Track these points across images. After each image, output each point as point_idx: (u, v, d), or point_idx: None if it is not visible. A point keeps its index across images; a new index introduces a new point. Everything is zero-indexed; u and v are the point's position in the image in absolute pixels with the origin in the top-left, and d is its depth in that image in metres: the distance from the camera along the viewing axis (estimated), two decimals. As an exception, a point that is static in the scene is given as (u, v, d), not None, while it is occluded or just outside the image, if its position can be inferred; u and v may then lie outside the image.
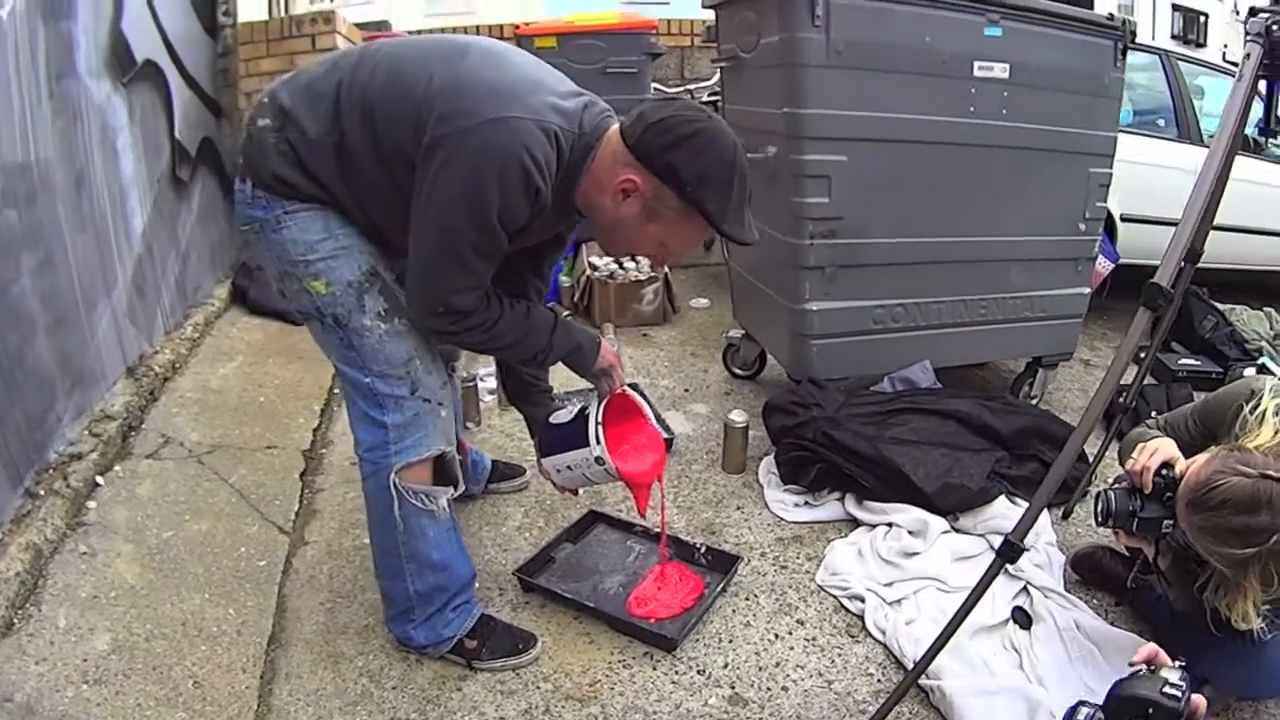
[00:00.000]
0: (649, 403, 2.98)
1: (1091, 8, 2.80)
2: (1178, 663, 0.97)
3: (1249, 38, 1.56)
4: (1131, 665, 0.99)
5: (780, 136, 2.43)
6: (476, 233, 1.42)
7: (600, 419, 1.74)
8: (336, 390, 3.10)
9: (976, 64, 2.48)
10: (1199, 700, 0.95)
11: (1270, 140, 1.91)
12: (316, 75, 1.51)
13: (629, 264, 3.95)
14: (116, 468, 2.25)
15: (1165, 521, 1.59)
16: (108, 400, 2.39)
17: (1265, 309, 3.67)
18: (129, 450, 2.34)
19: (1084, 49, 2.67)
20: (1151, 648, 1.01)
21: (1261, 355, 3.28)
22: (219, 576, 2.02)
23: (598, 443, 1.72)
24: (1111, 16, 2.72)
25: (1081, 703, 0.98)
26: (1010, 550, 1.47)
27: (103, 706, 1.58)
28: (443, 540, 1.74)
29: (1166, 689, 0.93)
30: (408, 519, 1.68)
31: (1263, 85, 1.63)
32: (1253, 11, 1.57)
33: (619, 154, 1.46)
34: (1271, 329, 3.49)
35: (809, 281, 2.53)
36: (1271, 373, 3.02)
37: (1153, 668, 0.96)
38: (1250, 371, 3.00)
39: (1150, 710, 0.92)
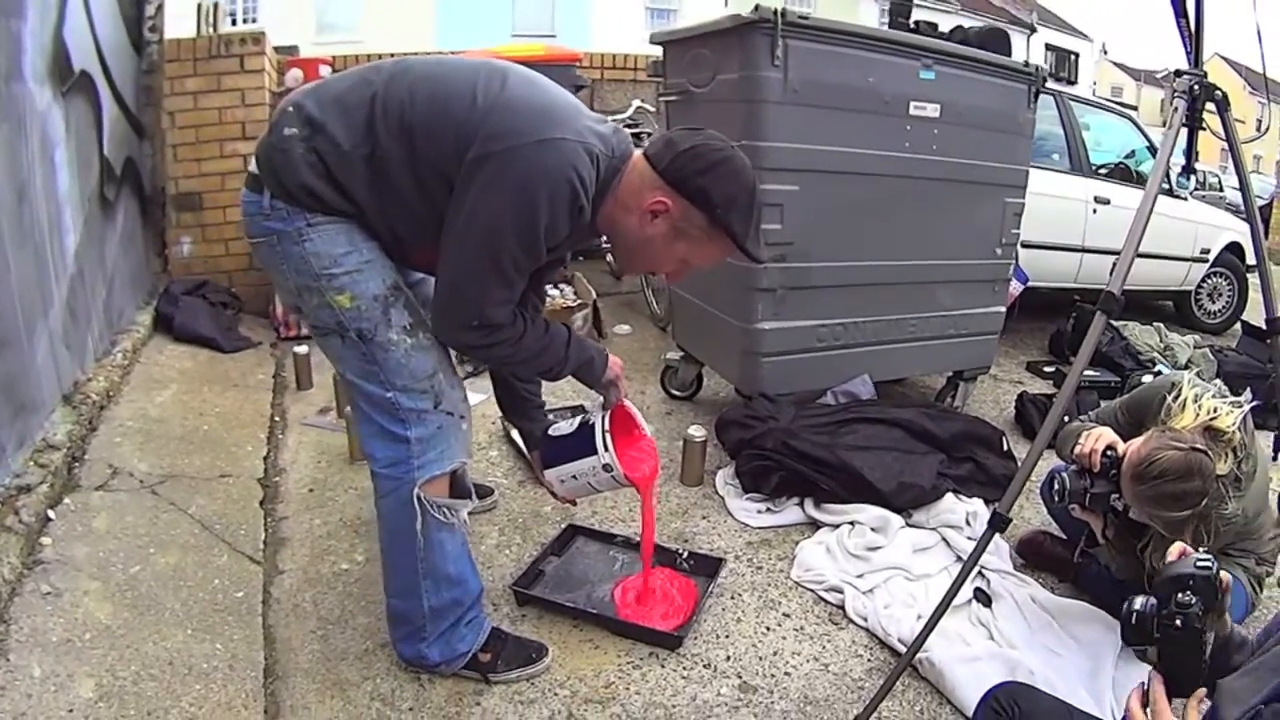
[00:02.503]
0: None
1: (1010, 55, 3.09)
2: (1202, 548, 1.17)
3: (1176, 94, 1.83)
4: (1168, 560, 1.17)
5: None
6: (521, 248, 1.45)
7: (607, 428, 1.78)
8: (278, 418, 2.98)
9: (912, 104, 2.73)
10: (1225, 574, 1.14)
11: (1186, 180, 2.20)
12: (345, 88, 1.50)
13: (554, 291, 3.95)
14: (67, 500, 2.07)
15: (1112, 495, 1.85)
16: (48, 429, 2.21)
17: (1154, 324, 4.10)
18: (76, 482, 2.17)
19: (1002, 91, 2.97)
20: (1180, 545, 1.19)
21: (1155, 365, 3.65)
22: (198, 610, 1.90)
23: (607, 450, 1.76)
24: (1027, 63, 3.02)
25: (1137, 595, 1.13)
26: (1000, 521, 1.69)
27: None
28: (458, 554, 1.73)
29: (1199, 563, 1.11)
30: (429, 533, 1.65)
31: (1183, 135, 1.89)
32: (1177, 73, 1.85)
33: (647, 177, 1.52)
34: (1161, 341, 3.90)
35: (761, 303, 2.68)
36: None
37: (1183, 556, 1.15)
38: (1148, 379, 3.34)
39: (1191, 582, 1.09)
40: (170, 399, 2.83)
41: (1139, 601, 1.11)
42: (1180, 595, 1.08)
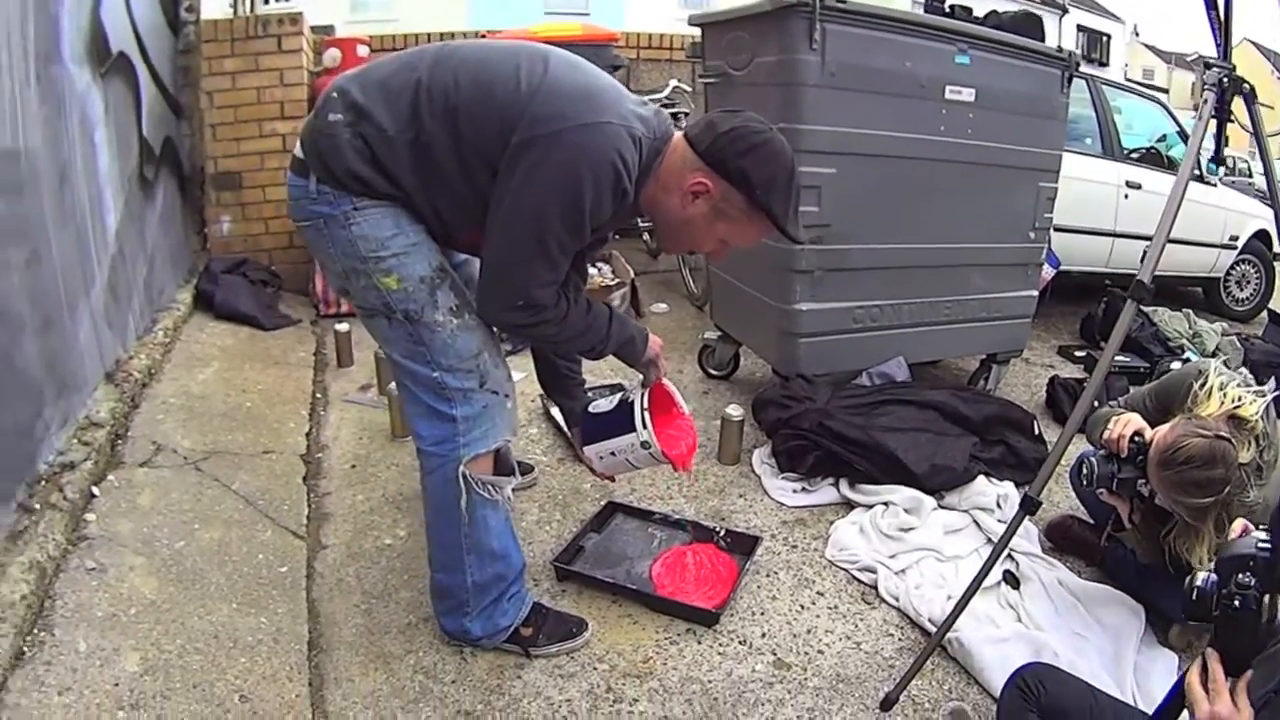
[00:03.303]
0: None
1: (1043, 40, 3.07)
2: (1261, 527, 1.17)
3: (1206, 86, 1.82)
4: (1231, 538, 1.18)
5: None
6: (566, 229, 1.47)
7: (646, 405, 1.80)
8: (319, 395, 3.01)
9: (948, 88, 2.73)
10: None
11: (1216, 167, 2.21)
12: (388, 73, 1.52)
13: (592, 270, 3.96)
14: (110, 477, 2.11)
15: (1139, 480, 1.88)
16: (91, 407, 2.24)
17: (1183, 310, 4.07)
18: (120, 459, 2.20)
19: (1037, 76, 2.96)
20: (1241, 522, 1.22)
21: (1184, 351, 3.63)
22: (242, 585, 1.94)
23: (645, 427, 1.78)
24: (1060, 48, 3.02)
25: (1203, 573, 1.14)
26: (1030, 504, 1.71)
27: None
28: (502, 530, 1.75)
29: (1260, 544, 1.11)
30: (474, 510, 1.68)
31: (1214, 124, 1.89)
32: (1206, 65, 1.84)
33: (688, 159, 1.53)
34: (1190, 328, 3.87)
35: (799, 284, 2.70)
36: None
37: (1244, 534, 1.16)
38: (1176, 365, 3.32)
39: (1251, 563, 1.10)
40: (212, 376, 2.87)
41: (1200, 578, 1.12)
42: (1240, 575, 1.09)
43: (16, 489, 1.82)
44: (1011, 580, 2.14)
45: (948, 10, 2.96)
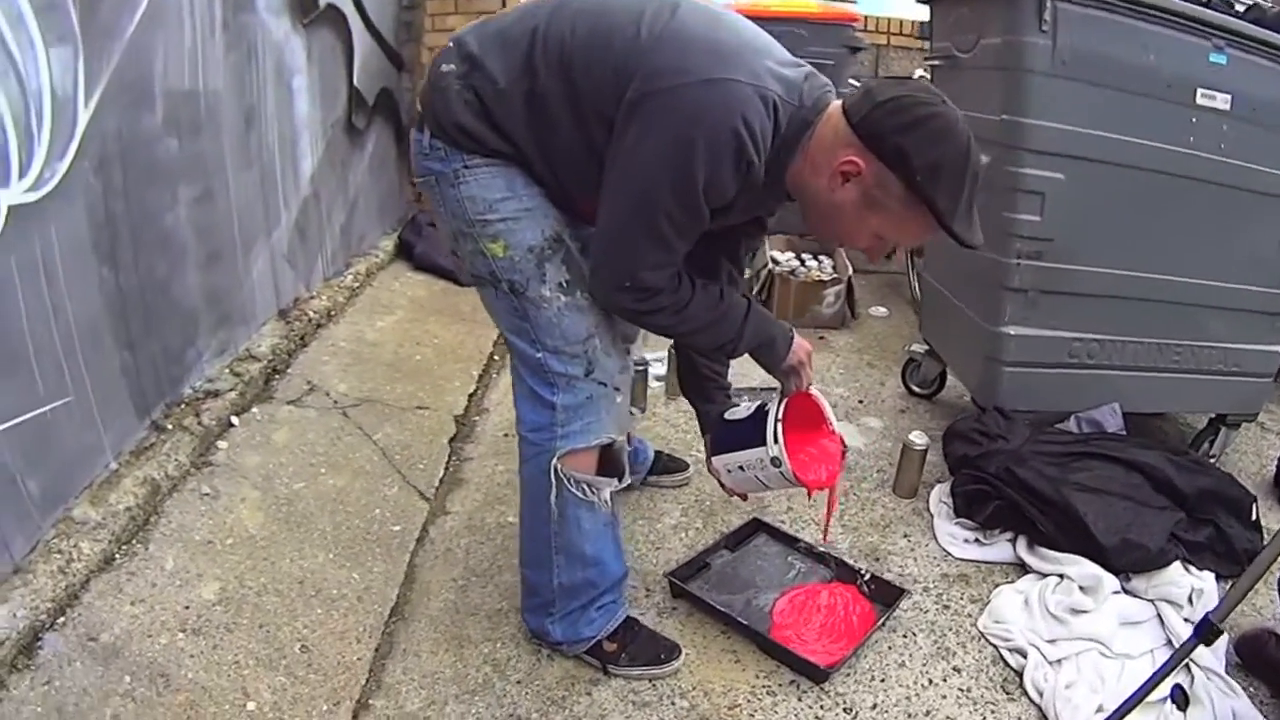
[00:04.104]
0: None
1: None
2: None
3: None
4: None
5: (996, 145, 2.20)
6: (677, 204, 1.27)
7: (780, 417, 1.53)
8: (498, 356, 2.95)
9: (1199, 91, 2.18)
10: None
11: None
12: (508, 22, 1.37)
13: (811, 262, 3.68)
14: (254, 410, 2.16)
15: None
16: (255, 341, 2.33)
17: None
18: (270, 394, 2.26)
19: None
20: None
21: None
22: (348, 537, 1.89)
23: (775, 442, 1.52)
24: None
25: None
26: (1209, 633, 1.33)
27: (196, 659, 1.46)
28: (598, 534, 1.56)
29: None
30: (565, 508, 1.51)
31: None
32: None
33: (841, 133, 1.28)
34: None
35: (1010, 304, 2.29)
36: None
37: None
38: None
39: None
40: (391, 325, 2.91)
41: None
42: None
43: (155, 408, 1.90)
44: (1180, 699, 1.65)
45: (1203, -1, 2.28)
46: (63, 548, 1.50)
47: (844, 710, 1.57)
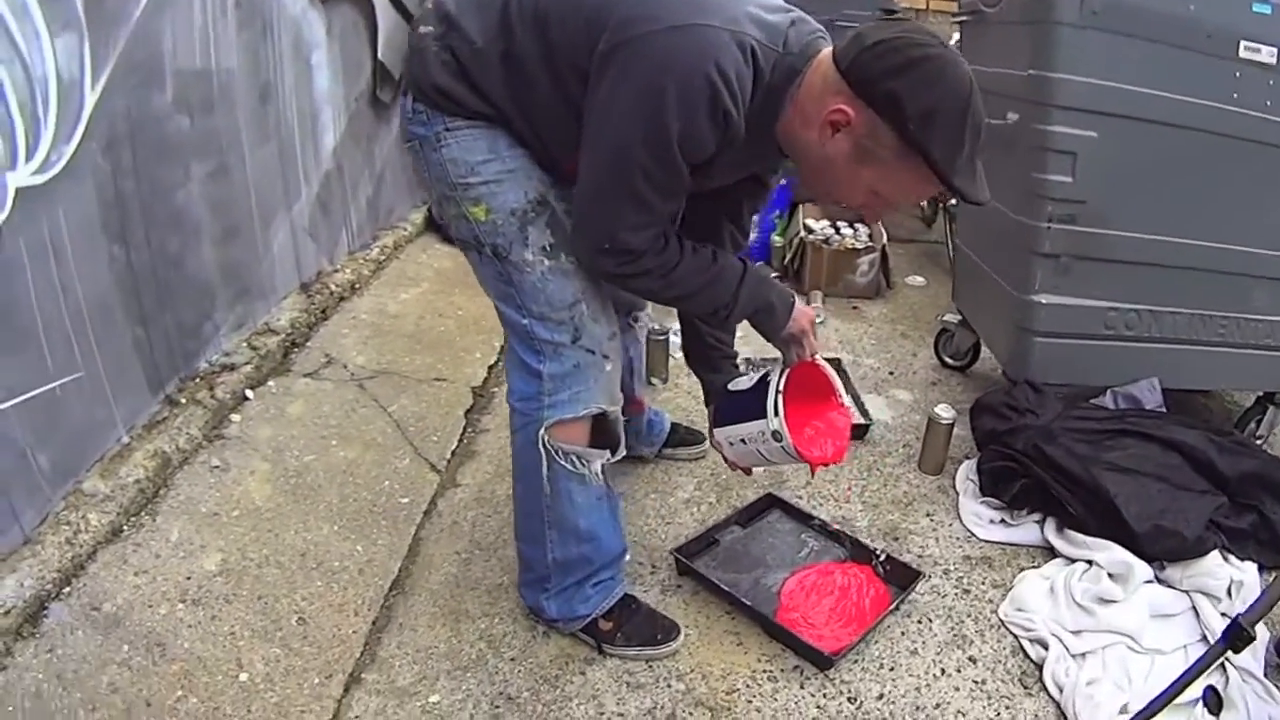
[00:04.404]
0: (846, 380, 2.67)
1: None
2: None
3: None
4: None
5: (1024, 102, 2.10)
6: (652, 160, 1.21)
7: (782, 388, 1.47)
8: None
9: (1243, 43, 2.02)
10: None
11: None
12: None
13: (846, 230, 3.57)
14: (270, 383, 2.19)
15: None
16: (274, 314, 2.35)
17: None
18: (288, 366, 2.29)
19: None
20: None
21: None
22: (354, 509, 1.90)
23: (776, 414, 1.46)
24: None
25: None
26: (1239, 637, 1.22)
27: (193, 630, 1.48)
28: (592, 508, 1.53)
29: None
30: (555, 481, 1.48)
31: None
32: None
33: (830, 80, 1.20)
34: None
35: (1040, 270, 2.18)
36: None
37: None
38: None
39: None
40: (415, 297, 2.92)
41: None
42: None
43: (169, 382, 1.94)
44: (1214, 701, 1.54)
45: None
46: (71, 519, 1.55)
47: (848, 700, 1.52)
